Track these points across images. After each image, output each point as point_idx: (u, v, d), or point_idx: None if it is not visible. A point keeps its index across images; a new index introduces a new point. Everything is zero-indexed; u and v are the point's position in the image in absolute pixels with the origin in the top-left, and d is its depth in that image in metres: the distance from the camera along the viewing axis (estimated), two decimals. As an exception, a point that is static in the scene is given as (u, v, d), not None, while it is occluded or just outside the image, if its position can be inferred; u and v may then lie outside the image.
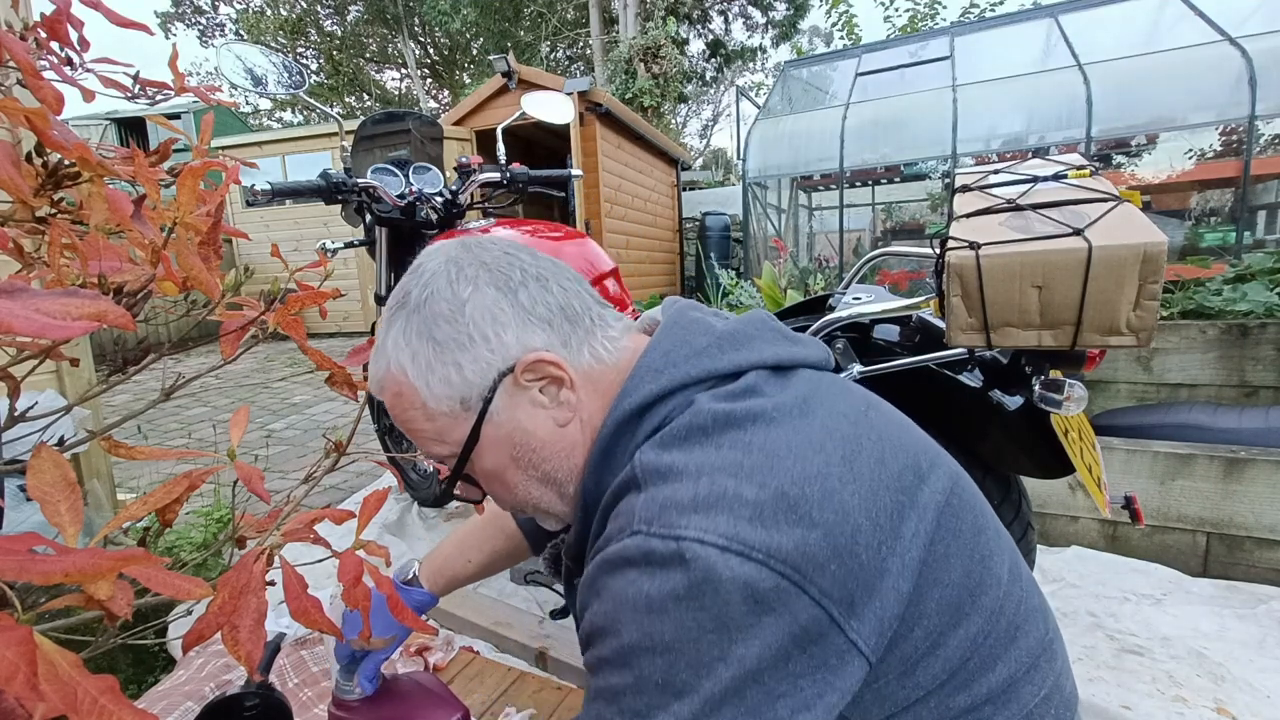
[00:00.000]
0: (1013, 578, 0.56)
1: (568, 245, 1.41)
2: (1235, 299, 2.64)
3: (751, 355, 0.55)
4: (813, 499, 0.46)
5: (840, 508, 0.47)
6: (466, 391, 0.55)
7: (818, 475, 0.47)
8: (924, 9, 8.24)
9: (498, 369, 0.55)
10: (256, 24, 16.78)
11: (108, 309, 0.33)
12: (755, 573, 0.43)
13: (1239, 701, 1.24)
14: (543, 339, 0.55)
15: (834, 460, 0.49)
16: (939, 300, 0.96)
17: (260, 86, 1.49)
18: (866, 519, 0.47)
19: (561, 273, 0.59)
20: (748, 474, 0.47)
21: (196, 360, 5.13)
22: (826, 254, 5.94)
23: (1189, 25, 4.29)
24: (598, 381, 0.57)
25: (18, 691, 0.26)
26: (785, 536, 0.45)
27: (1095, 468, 1.13)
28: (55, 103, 0.44)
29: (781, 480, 0.47)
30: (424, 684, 0.92)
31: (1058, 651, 0.58)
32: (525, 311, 0.55)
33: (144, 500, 0.42)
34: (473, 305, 0.54)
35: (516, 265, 0.57)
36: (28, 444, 0.40)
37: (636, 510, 0.48)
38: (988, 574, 0.53)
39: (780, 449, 0.48)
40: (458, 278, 0.55)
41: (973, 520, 0.55)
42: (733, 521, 0.45)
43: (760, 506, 0.45)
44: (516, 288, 0.56)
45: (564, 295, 0.57)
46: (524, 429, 0.57)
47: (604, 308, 0.60)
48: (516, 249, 0.59)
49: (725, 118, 22.59)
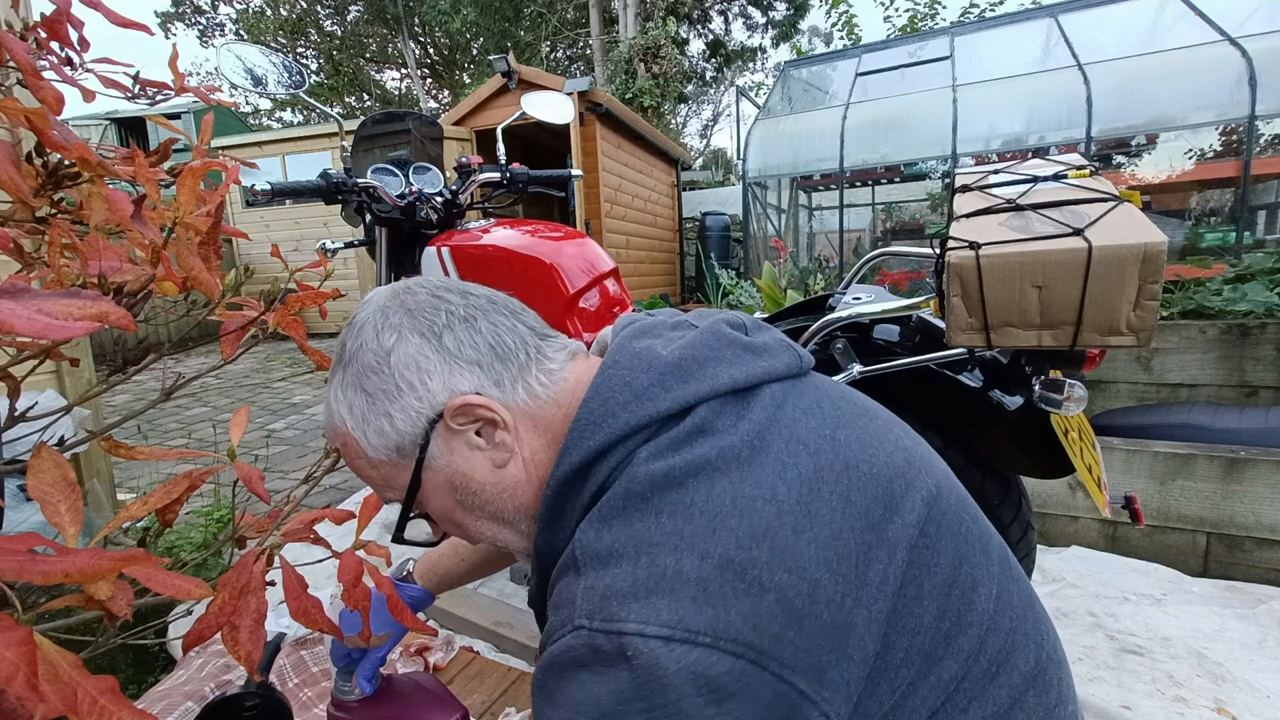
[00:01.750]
0: (999, 607, 0.52)
1: (568, 245, 1.41)
2: (1235, 299, 2.64)
3: (702, 386, 0.51)
4: (761, 561, 0.43)
5: (795, 564, 0.43)
6: (400, 440, 0.55)
7: (767, 531, 0.44)
8: (924, 9, 8.24)
9: (427, 416, 0.54)
10: (256, 24, 16.77)
11: (109, 309, 0.33)
12: (705, 658, 0.40)
13: (1239, 701, 1.24)
14: (471, 381, 0.54)
15: (787, 507, 0.45)
16: (939, 300, 0.96)
17: (260, 86, 1.49)
18: (826, 571, 0.44)
19: (494, 309, 0.57)
20: (688, 545, 0.43)
21: (196, 360, 5.13)
22: (826, 254, 5.94)
23: (1189, 25, 4.29)
24: (537, 417, 0.56)
25: (18, 691, 0.26)
26: (734, 611, 0.41)
27: (1095, 468, 1.13)
28: (55, 103, 0.44)
29: (726, 545, 0.43)
30: (424, 684, 0.92)
31: (1052, 680, 0.54)
32: (451, 355, 0.54)
33: (144, 500, 0.42)
34: (397, 354, 0.54)
35: (442, 308, 0.55)
36: (28, 444, 0.40)
37: (578, 602, 0.44)
38: (967, 611, 0.50)
39: (724, 506, 0.45)
40: (383, 327, 0.55)
41: (954, 549, 0.51)
42: (674, 605, 0.41)
43: (704, 583, 0.42)
44: (441, 332, 0.54)
45: (494, 333, 0.55)
46: (463, 472, 0.56)
47: (544, 339, 0.58)
48: (446, 290, 0.57)
49: (725, 118, 22.61)
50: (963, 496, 0.56)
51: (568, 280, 1.40)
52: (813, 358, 0.60)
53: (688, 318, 0.62)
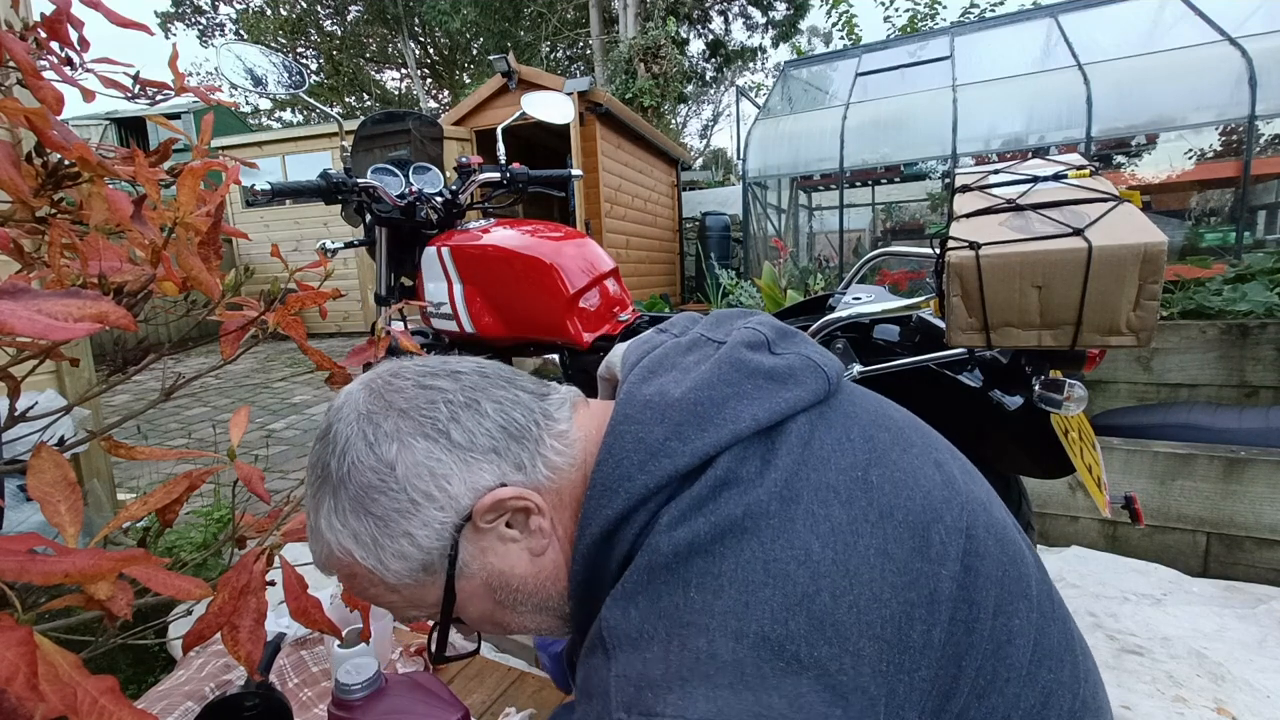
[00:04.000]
0: (1036, 657, 0.48)
1: (568, 245, 1.41)
2: (1235, 299, 2.64)
3: (723, 433, 0.47)
4: (800, 634, 0.40)
5: (835, 634, 0.41)
6: (426, 558, 0.49)
7: (803, 599, 0.41)
8: (924, 9, 8.24)
9: (453, 524, 0.49)
10: (256, 24, 16.77)
11: (109, 310, 0.33)
12: None
13: (1239, 701, 1.24)
14: (493, 473, 0.49)
15: (824, 569, 0.42)
16: (939, 300, 0.96)
17: (260, 86, 1.49)
18: (869, 639, 0.41)
19: (491, 384, 0.52)
20: (720, 624, 0.41)
21: (196, 360, 5.13)
22: (826, 254, 5.94)
23: (1189, 25, 4.29)
24: (562, 491, 0.51)
25: (18, 691, 0.26)
26: (774, 694, 0.39)
27: (1095, 468, 1.13)
28: (55, 103, 0.44)
29: (761, 620, 0.40)
30: (424, 684, 0.92)
31: (1093, 710, 0.51)
32: (464, 451, 0.49)
33: (144, 500, 0.42)
34: (403, 466, 0.48)
35: (439, 399, 0.50)
36: (28, 444, 0.40)
37: (611, 693, 0.42)
38: (1002, 667, 0.47)
39: (756, 574, 0.42)
40: (376, 438, 0.48)
41: (994, 600, 0.47)
42: (711, 694, 0.39)
43: (740, 666, 0.39)
44: (447, 427, 0.49)
45: (500, 412, 0.50)
46: (499, 571, 0.51)
47: (544, 399, 0.53)
48: (433, 376, 0.51)
49: (725, 118, 22.61)
50: (1002, 532, 0.52)
51: (568, 280, 1.40)
52: (839, 364, 0.55)
53: (702, 329, 0.58)
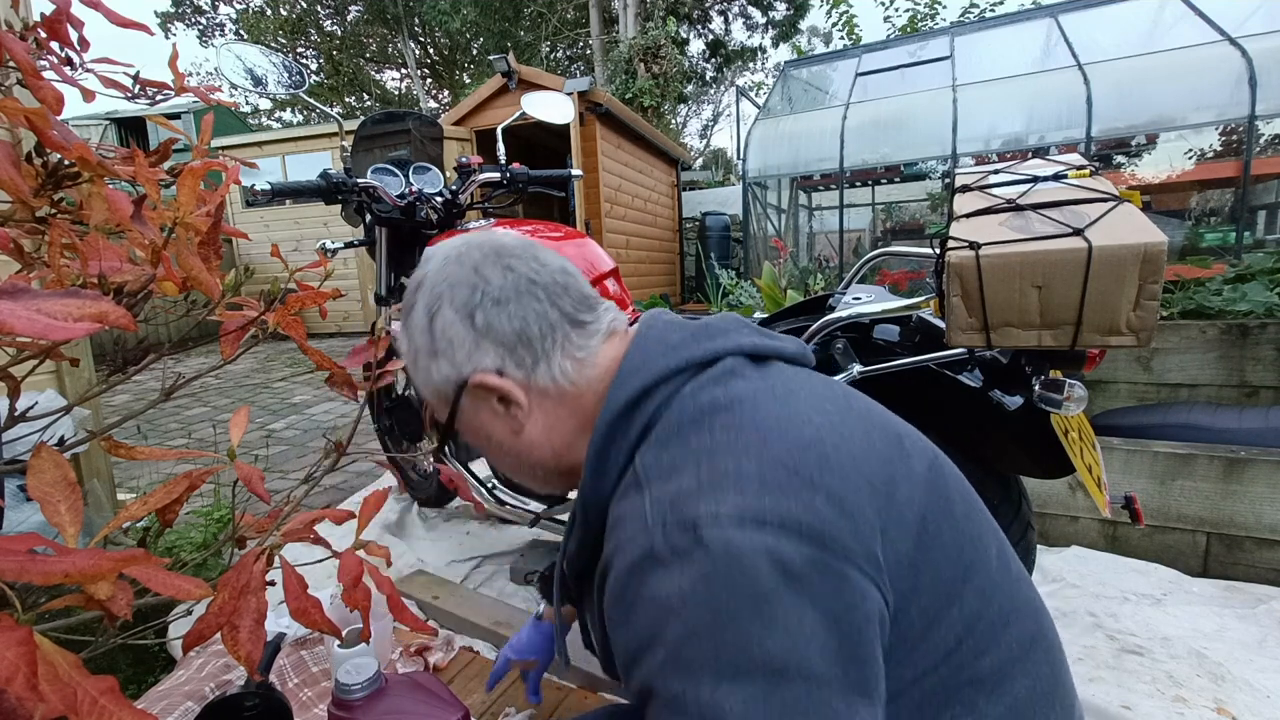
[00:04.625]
0: (1001, 564, 0.57)
1: (568, 245, 1.41)
2: (1235, 299, 2.64)
3: (728, 343, 0.58)
4: (810, 464, 0.48)
5: (839, 471, 0.48)
6: (442, 387, 0.62)
7: (810, 444, 0.49)
8: (924, 9, 8.23)
9: (455, 381, 0.61)
10: (256, 24, 16.75)
11: (108, 310, 0.33)
12: (775, 540, 0.44)
13: (1239, 701, 1.24)
14: (494, 360, 0.60)
15: (824, 432, 0.51)
16: (939, 300, 0.96)
17: (260, 86, 1.49)
18: (865, 482, 0.49)
19: (529, 293, 0.60)
20: (744, 450, 0.48)
21: (196, 360, 5.13)
22: (826, 254, 5.94)
23: (1189, 25, 4.29)
24: (563, 395, 0.61)
25: (18, 692, 0.26)
26: (794, 501, 0.46)
27: (1095, 468, 1.13)
28: (55, 103, 0.44)
29: (777, 451, 0.48)
30: (424, 684, 0.92)
31: (1054, 649, 0.58)
32: (478, 333, 0.59)
33: (144, 500, 0.42)
34: (439, 322, 0.60)
35: (480, 287, 0.60)
36: (28, 444, 0.40)
37: (645, 511, 0.48)
38: (978, 555, 0.54)
39: (770, 425, 0.51)
40: (430, 295, 0.61)
41: (962, 500, 0.57)
42: (740, 497, 0.45)
43: (763, 477, 0.47)
44: (474, 310, 0.59)
45: (521, 318, 0.60)
46: (486, 429, 0.64)
47: (577, 326, 0.61)
48: (490, 265, 0.61)
49: (725, 118, 22.60)
50: (956, 471, 0.61)
51: (568, 280, 1.40)
52: (813, 357, 0.65)
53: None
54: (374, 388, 0.67)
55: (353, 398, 0.68)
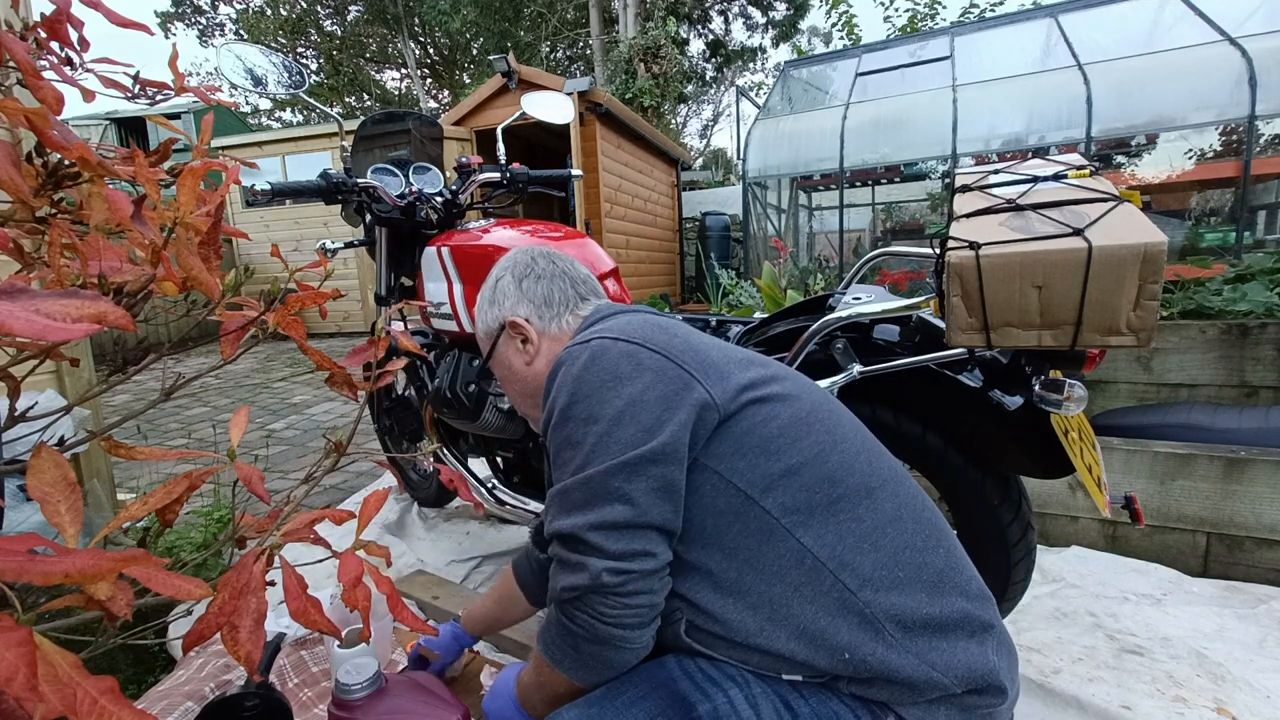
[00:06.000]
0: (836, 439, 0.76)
1: (568, 245, 1.41)
2: (1235, 299, 2.64)
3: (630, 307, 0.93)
4: (677, 330, 0.80)
5: (696, 338, 0.79)
6: (488, 328, 0.96)
7: (679, 325, 0.82)
8: (924, 9, 8.23)
9: (499, 321, 0.94)
10: (256, 24, 16.75)
11: (108, 310, 0.33)
12: (634, 349, 0.74)
13: (1239, 701, 1.24)
14: (525, 311, 0.93)
15: (677, 325, 0.83)
16: (939, 300, 0.95)
17: (260, 86, 1.49)
18: (717, 350, 0.78)
19: (560, 277, 0.95)
20: (627, 321, 0.82)
21: (196, 360, 5.13)
22: (826, 254, 5.94)
23: (1189, 25, 4.29)
24: (560, 339, 0.91)
25: (18, 692, 0.26)
26: (658, 335, 0.77)
27: (1095, 468, 1.13)
28: (55, 103, 0.44)
29: (655, 321, 0.81)
30: (424, 684, 0.92)
31: (883, 503, 0.73)
32: (521, 294, 0.94)
33: (144, 500, 0.42)
34: (501, 285, 0.96)
35: (531, 268, 0.95)
36: (28, 444, 0.40)
37: (560, 358, 0.80)
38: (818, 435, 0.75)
39: (648, 318, 0.84)
40: (503, 266, 0.98)
41: (810, 402, 0.79)
42: (621, 330, 0.78)
43: (640, 327, 0.78)
44: (522, 280, 0.94)
45: (549, 289, 0.94)
46: (509, 360, 0.95)
47: (582, 300, 0.94)
48: (545, 259, 0.97)
49: (725, 118, 22.59)
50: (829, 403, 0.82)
51: (568, 280, 1.40)
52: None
53: None
54: (374, 388, 0.67)
55: (353, 398, 0.68)
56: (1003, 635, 0.72)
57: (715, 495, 0.70)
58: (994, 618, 0.71)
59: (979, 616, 0.69)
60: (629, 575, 0.66)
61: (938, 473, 1.19)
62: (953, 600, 0.68)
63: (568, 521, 0.69)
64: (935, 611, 0.67)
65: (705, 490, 0.70)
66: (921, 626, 0.66)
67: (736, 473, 0.70)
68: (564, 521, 0.70)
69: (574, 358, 0.75)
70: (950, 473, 1.17)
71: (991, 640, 0.69)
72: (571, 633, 0.70)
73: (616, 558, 0.66)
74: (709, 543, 0.70)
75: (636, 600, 0.67)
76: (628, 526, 0.67)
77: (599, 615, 0.67)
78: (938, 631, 0.66)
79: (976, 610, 0.69)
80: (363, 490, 2.47)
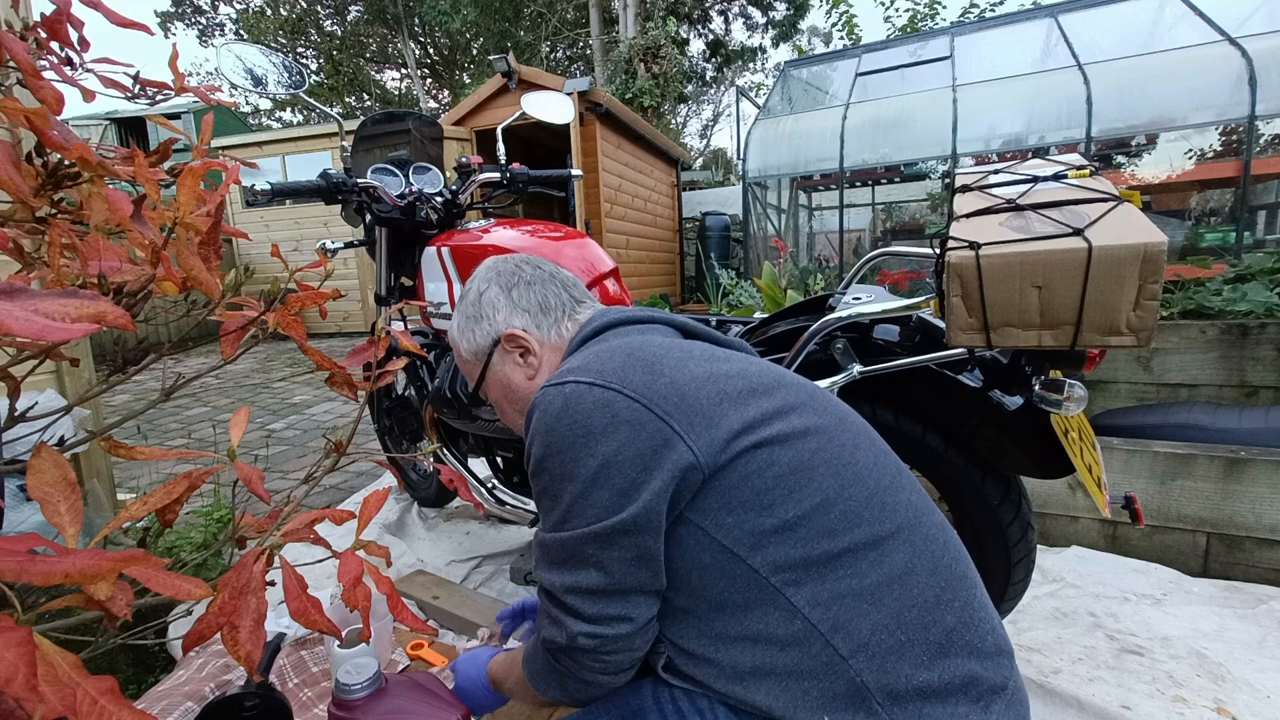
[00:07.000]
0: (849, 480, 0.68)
1: (568, 246, 1.41)
2: (1235, 299, 2.64)
3: (619, 317, 0.85)
4: (661, 361, 0.71)
5: (685, 372, 0.69)
6: (478, 347, 0.88)
7: (663, 354, 0.72)
8: (924, 9, 8.23)
9: (491, 337, 0.87)
10: (256, 24, 16.74)
11: (107, 310, 0.33)
12: (610, 397, 0.66)
13: (1239, 701, 1.24)
14: (521, 321, 0.86)
15: (671, 351, 0.74)
16: (939, 300, 0.95)
17: (260, 86, 1.49)
18: (709, 382, 0.69)
19: (551, 281, 0.89)
20: (610, 353, 0.73)
21: (196, 360, 5.13)
22: (826, 254, 5.93)
23: (1189, 25, 4.29)
24: (560, 349, 0.86)
25: (17, 692, 0.26)
26: (637, 377, 0.68)
27: (1095, 468, 1.13)
28: (55, 103, 0.44)
29: (640, 354, 0.71)
30: (424, 684, 0.92)
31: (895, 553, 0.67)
32: (513, 304, 0.87)
33: (144, 500, 0.42)
34: (486, 298, 0.88)
35: (518, 275, 0.89)
36: (28, 444, 0.40)
37: (540, 392, 0.73)
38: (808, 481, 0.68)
39: (635, 346, 0.74)
40: (482, 279, 0.90)
41: (815, 446, 0.69)
42: (598, 372, 0.69)
43: (622, 365, 0.70)
44: (510, 288, 0.88)
45: (543, 296, 0.87)
46: (508, 378, 0.88)
47: (579, 304, 0.89)
48: (527, 264, 0.91)
49: (725, 118, 22.58)
50: (861, 430, 0.75)
51: (568, 280, 1.40)
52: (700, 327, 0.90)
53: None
54: (374, 388, 0.67)
55: (353, 398, 0.68)
56: (1015, 694, 0.67)
57: (699, 550, 0.66)
58: (1008, 676, 0.66)
59: (987, 679, 0.64)
60: (603, 639, 0.66)
61: (938, 473, 1.19)
62: (959, 662, 0.64)
63: (546, 577, 0.70)
64: (933, 678, 0.62)
65: (689, 544, 0.67)
66: (915, 695, 0.61)
67: (723, 529, 0.65)
68: (544, 576, 0.71)
69: (548, 404, 0.69)
70: (950, 473, 1.17)
71: (999, 703, 0.64)
72: (557, 670, 0.72)
73: (592, 621, 0.66)
74: (694, 592, 0.68)
75: (614, 659, 0.68)
76: (602, 593, 0.66)
77: (581, 665, 0.69)
78: (933, 698, 0.62)
79: (986, 671, 0.64)
80: (363, 490, 2.47)
